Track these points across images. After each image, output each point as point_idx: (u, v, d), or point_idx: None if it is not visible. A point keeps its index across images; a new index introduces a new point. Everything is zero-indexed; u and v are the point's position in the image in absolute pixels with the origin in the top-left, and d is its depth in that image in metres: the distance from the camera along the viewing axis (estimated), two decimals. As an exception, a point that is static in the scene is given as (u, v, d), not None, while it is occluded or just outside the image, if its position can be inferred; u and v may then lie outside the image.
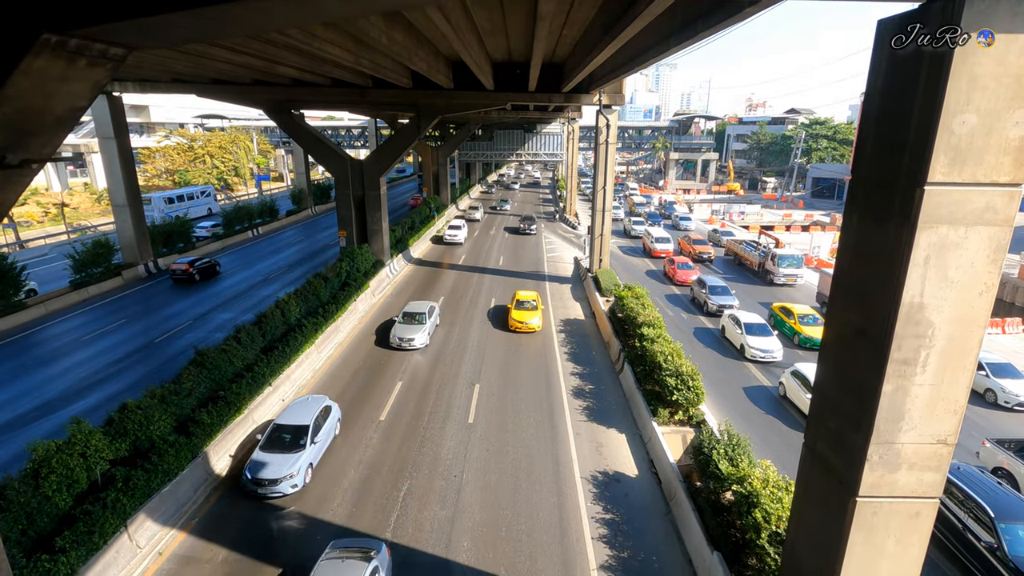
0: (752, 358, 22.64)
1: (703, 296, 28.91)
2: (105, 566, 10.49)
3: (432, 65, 22.62)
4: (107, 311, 26.83)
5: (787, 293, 33.07)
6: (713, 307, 27.94)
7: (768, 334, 23.10)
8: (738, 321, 23.91)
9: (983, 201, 5.40)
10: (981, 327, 5.83)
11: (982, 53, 4.99)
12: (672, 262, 35.62)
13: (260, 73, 24.94)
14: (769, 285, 34.69)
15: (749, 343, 22.76)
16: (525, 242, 45.85)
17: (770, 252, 35.69)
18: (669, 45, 15.79)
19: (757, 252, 37.28)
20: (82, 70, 5.96)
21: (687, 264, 35.20)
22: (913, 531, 6.60)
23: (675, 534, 12.54)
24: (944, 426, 6.17)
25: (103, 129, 31.18)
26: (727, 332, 24.83)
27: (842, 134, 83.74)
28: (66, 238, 44.40)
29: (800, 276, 34.30)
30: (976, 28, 4.90)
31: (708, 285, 29.03)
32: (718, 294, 28.44)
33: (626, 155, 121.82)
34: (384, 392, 18.91)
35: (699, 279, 30.41)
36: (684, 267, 34.65)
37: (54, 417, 16.82)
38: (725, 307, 27.56)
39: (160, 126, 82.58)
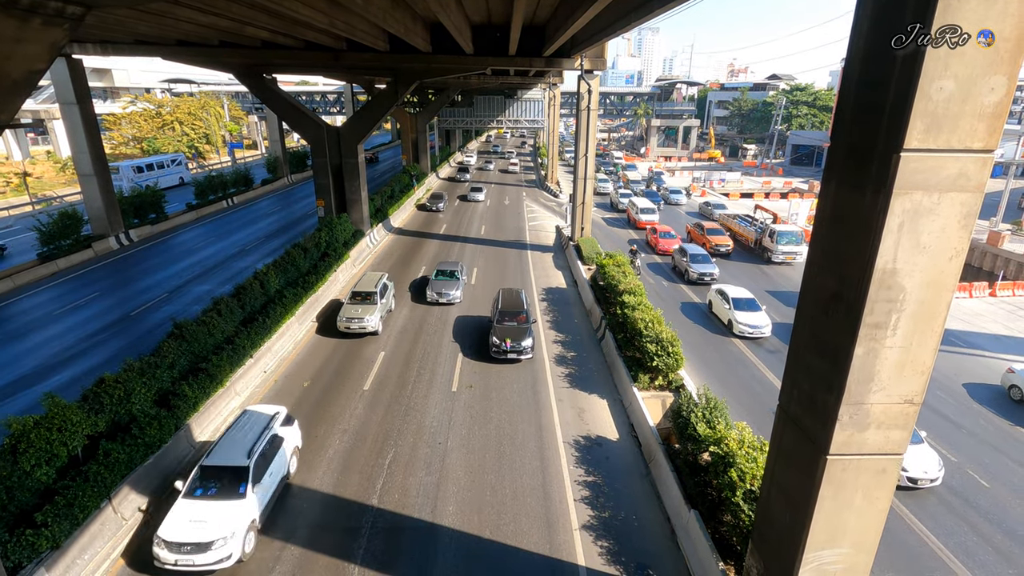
0: (740, 334, 22.22)
1: (684, 264, 29.23)
2: (92, 538, 10.51)
3: (409, 27, 21.88)
4: (78, 284, 26.15)
5: (785, 274, 30.98)
6: (694, 275, 28.31)
7: (757, 309, 22.72)
8: (726, 296, 23.50)
9: (957, 167, 5.49)
10: (950, 291, 6.01)
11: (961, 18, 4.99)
12: (655, 231, 35.55)
13: (228, 35, 23.88)
14: (767, 263, 32.52)
15: (737, 319, 22.38)
16: (505, 211, 45.59)
17: (767, 228, 33.63)
18: (652, 7, 15.50)
19: (753, 228, 35.27)
20: (37, 30, 5.65)
21: (669, 233, 35.03)
22: (879, 486, 6.93)
23: (654, 494, 12.97)
24: (912, 386, 6.41)
25: (64, 94, 29.75)
26: (714, 307, 24.29)
27: (822, 100, 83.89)
28: (31, 209, 42.80)
29: (799, 254, 31.68)
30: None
31: (689, 253, 29.29)
32: (699, 263, 28.76)
33: (608, 122, 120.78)
34: (367, 362, 18.93)
35: (680, 247, 30.55)
36: (666, 236, 34.62)
37: (29, 392, 16.54)
38: (705, 275, 28.03)
39: (125, 91, 79.08)
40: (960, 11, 4.94)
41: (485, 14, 23.86)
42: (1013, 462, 15.14)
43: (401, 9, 20.37)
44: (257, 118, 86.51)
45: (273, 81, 31.47)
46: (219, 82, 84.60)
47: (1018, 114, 60.89)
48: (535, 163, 77.84)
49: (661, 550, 11.42)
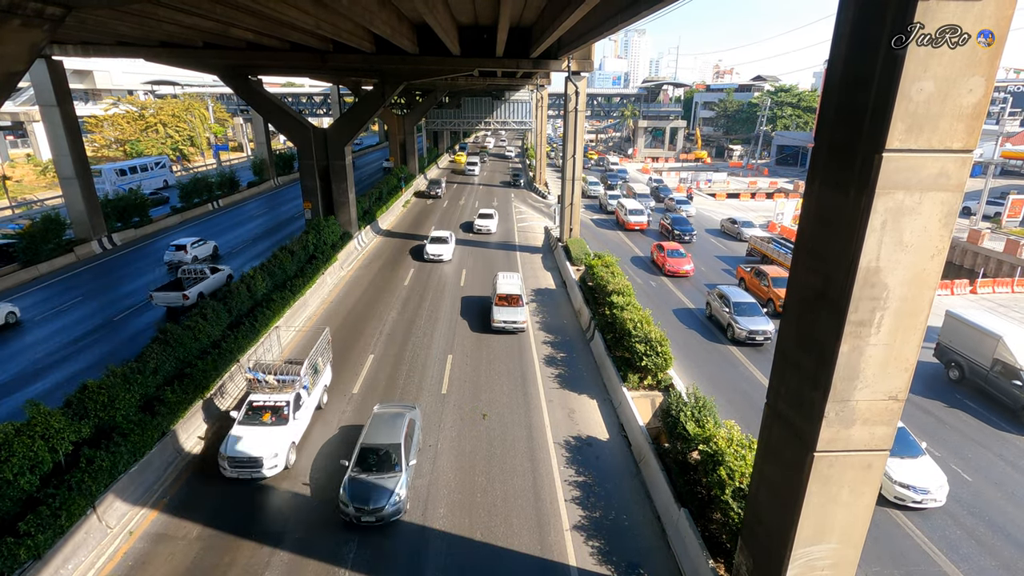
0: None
1: (725, 315, 22.73)
2: (75, 547, 10.34)
3: (395, 29, 21.82)
4: (60, 289, 25.70)
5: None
6: (741, 333, 21.67)
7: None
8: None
9: (937, 167, 5.59)
10: (932, 289, 6.11)
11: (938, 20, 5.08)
12: (661, 249, 31.42)
13: (212, 36, 23.63)
14: None
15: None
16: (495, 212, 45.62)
17: None
18: (639, 9, 15.59)
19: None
20: (16, 31, 5.55)
21: (678, 251, 30.81)
22: (865, 481, 7.02)
23: (644, 493, 13.02)
24: (896, 383, 6.51)
25: (44, 96, 29.24)
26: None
27: (806, 101, 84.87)
28: (11, 213, 42.00)
29: None
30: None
31: (732, 301, 22.66)
32: (746, 314, 22.11)
33: (595, 123, 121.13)
34: (356, 364, 18.81)
35: (720, 292, 23.75)
36: (675, 255, 30.63)
37: (9, 400, 16.21)
38: (757, 335, 21.53)
39: (107, 93, 77.92)
40: (939, 13, 5.03)
41: (472, 15, 23.86)
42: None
43: (387, 10, 20.30)
44: (243, 120, 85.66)
45: (259, 83, 31.20)
46: (203, 84, 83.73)
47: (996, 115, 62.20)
48: (523, 164, 77.92)
49: (652, 549, 11.46)
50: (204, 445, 14.42)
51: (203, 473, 13.45)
